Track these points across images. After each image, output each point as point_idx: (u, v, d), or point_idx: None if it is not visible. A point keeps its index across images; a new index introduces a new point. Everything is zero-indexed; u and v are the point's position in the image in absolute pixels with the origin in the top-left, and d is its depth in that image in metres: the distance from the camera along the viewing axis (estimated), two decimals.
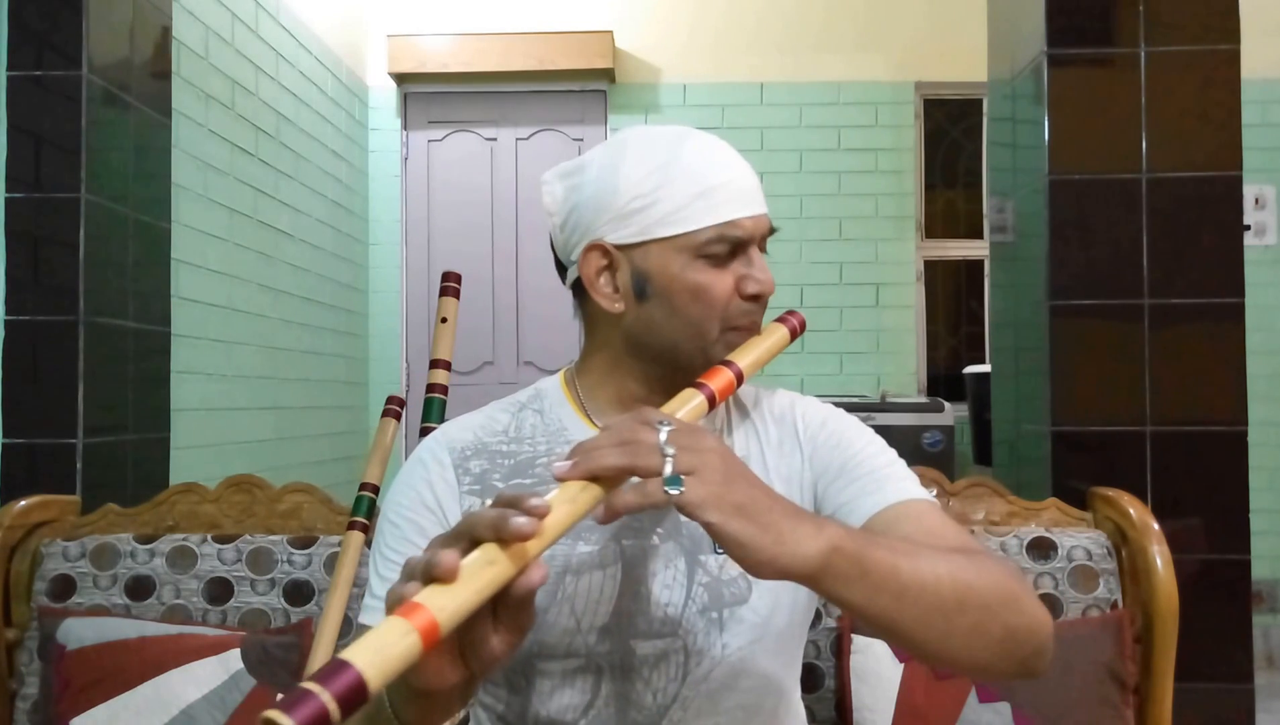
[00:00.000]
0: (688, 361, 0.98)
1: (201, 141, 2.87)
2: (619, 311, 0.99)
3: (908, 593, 0.79)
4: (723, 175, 0.97)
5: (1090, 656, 1.37)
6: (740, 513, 0.75)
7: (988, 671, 0.86)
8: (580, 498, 0.75)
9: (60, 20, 1.94)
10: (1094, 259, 2.03)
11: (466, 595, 0.68)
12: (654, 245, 0.96)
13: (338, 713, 0.60)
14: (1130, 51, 2.05)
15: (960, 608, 0.81)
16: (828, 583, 0.77)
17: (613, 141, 1.02)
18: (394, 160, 4.47)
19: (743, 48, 4.42)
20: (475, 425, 1.04)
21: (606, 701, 0.97)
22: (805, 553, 0.76)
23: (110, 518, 1.61)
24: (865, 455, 1.01)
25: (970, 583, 0.82)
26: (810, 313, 4.76)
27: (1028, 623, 0.85)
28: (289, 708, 0.59)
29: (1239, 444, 1.99)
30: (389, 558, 0.97)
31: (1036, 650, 0.86)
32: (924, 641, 0.82)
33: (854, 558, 0.78)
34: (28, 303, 1.94)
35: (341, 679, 0.61)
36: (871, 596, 0.79)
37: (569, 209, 1.01)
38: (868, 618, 0.80)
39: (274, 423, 3.36)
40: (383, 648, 0.63)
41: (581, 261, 0.99)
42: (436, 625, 0.65)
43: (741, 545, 0.75)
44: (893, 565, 0.79)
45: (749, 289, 0.97)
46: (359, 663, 0.62)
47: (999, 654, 0.84)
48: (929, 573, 0.81)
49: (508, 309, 4.45)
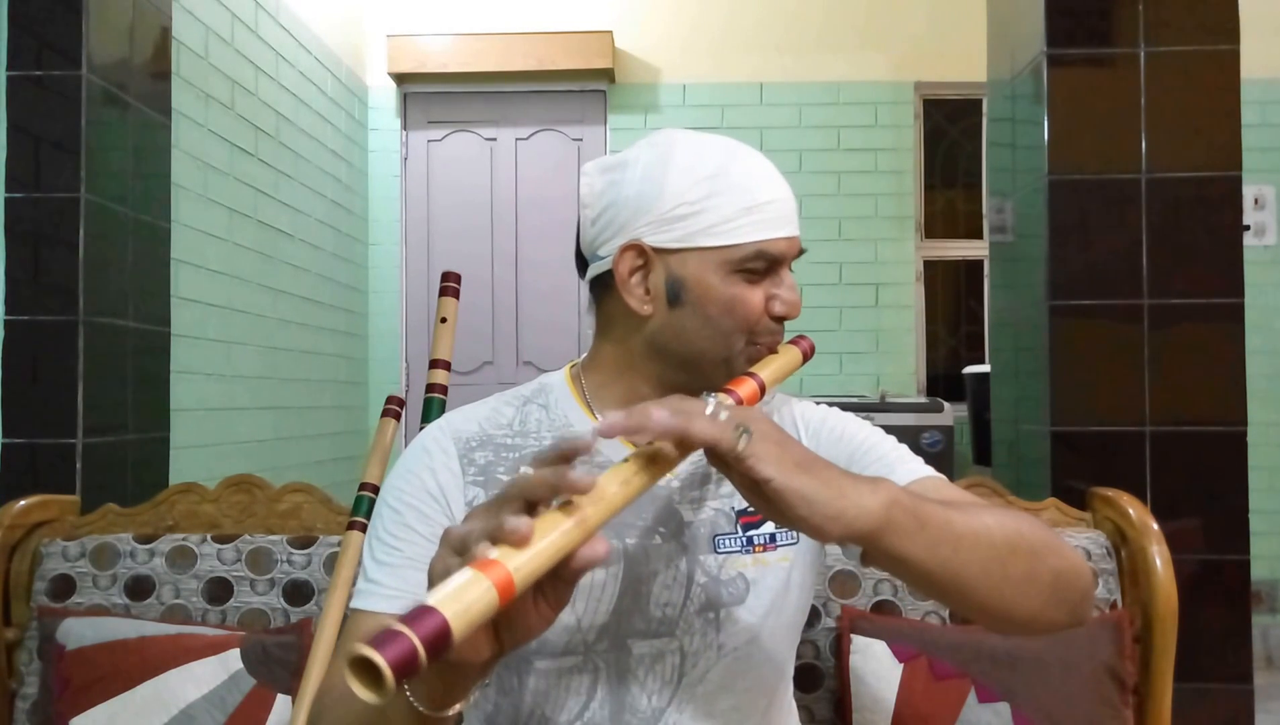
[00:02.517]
0: (709, 370, 0.99)
1: (201, 141, 2.87)
2: (647, 313, 0.99)
3: (963, 543, 0.81)
4: (769, 194, 0.98)
5: (1090, 656, 1.36)
6: (801, 468, 0.76)
7: (1040, 619, 0.88)
8: (633, 480, 0.75)
9: (60, 20, 1.94)
10: (1094, 259, 2.03)
11: (539, 558, 0.67)
12: (694, 253, 0.96)
13: (424, 656, 0.59)
14: (1130, 52, 2.05)
15: (1013, 553, 0.84)
16: (890, 537, 0.78)
17: (657, 142, 1.01)
18: (394, 160, 4.47)
19: (742, 48, 4.42)
20: (479, 417, 1.04)
21: (601, 704, 0.96)
22: (868, 505, 0.77)
23: (110, 518, 1.61)
24: (870, 443, 1.02)
25: (1018, 529, 0.86)
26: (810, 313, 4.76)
27: (1071, 566, 0.88)
28: (380, 644, 0.58)
29: (1239, 444, 1.99)
30: (387, 543, 0.96)
31: (1083, 594, 0.89)
32: (983, 592, 0.83)
33: (912, 511, 0.79)
34: (28, 303, 1.94)
35: (429, 623, 0.60)
36: (932, 548, 0.80)
37: (606, 204, 1.00)
38: (928, 572, 0.81)
39: (274, 423, 3.36)
40: (465, 598, 0.62)
41: (617, 259, 0.98)
42: (513, 583, 0.65)
43: (808, 500, 0.75)
44: (946, 518, 0.81)
45: (776, 310, 0.98)
46: (446, 610, 0.61)
47: (1050, 600, 0.87)
48: (979, 523, 0.83)
49: (507, 309, 4.45)
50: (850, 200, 4.38)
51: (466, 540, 0.69)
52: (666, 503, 1.00)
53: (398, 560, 0.95)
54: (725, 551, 0.99)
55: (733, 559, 0.99)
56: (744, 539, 0.99)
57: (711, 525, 1.00)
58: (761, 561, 0.99)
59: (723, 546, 0.99)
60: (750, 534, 1.00)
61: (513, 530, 0.66)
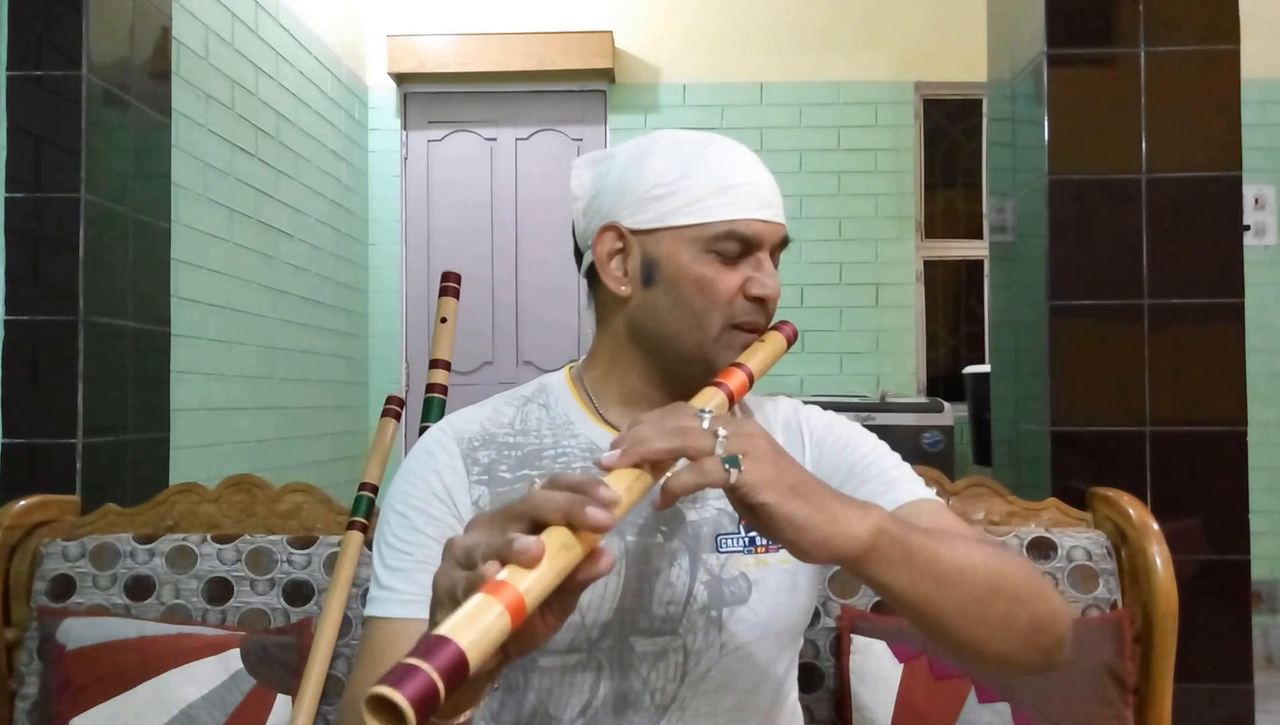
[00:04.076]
0: (686, 353, 0.99)
1: (201, 141, 2.87)
2: (625, 295, 1.00)
3: (947, 578, 0.81)
4: (744, 176, 0.99)
5: (1090, 656, 1.36)
6: (795, 493, 0.76)
7: (1013, 662, 0.88)
8: (635, 486, 0.75)
9: (60, 20, 1.94)
10: (1094, 259, 2.03)
11: (547, 576, 0.67)
12: (667, 233, 0.98)
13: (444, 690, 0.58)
14: (1130, 51, 2.05)
15: (994, 595, 0.84)
16: (874, 565, 0.78)
17: (644, 136, 1.04)
18: (394, 160, 4.47)
19: (742, 48, 4.42)
20: (481, 417, 1.05)
21: (604, 702, 0.97)
22: (856, 533, 0.77)
23: (110, 518, 1.61)
24: (873, 458, 1.02)
25: (1002, 571, 0.85)
26: (810, 313, 4.72)
27: (1052, 613, 0.88)
28: (398, 682, 0.57)
29: (1239, 444, 1.99)
30: (396, 548, 0.97)
31: (1058, 641, 0.89)
32: (959, 629, 0.83)
33: (899, 541, 0.79)
34: (28, 303, 1.94)
35: (444, 656, 0.59)
36: (915, 581, 0.80)
37: (593, 194, 1.03)
38: (909, 603, 0.81)
39: (274, 423, 3.35)
40: (479, 626, 0.62)
41: (595, 241, 1.00)
42: (524, 605, 0.64)
43: (797, 526, 0.76)
44: (934, 551, 0.81)
45: (753, 290, 0.98)
46: (460, 640, 0.60)
47: (1025, 644, 0.86)
48: (965, 560, 0.83)
49: (507, 309, 4.45)
50: (850, 200, 4.38)
51: (471, 554, 0.69)
52: None
53: (409, 565, 0.96)
54: (727, 551, 0.99)
55: (735, 558, 0.99)
56: (746, 539, 1.00)
57: (714, 524, 1.00)
58: (764, 562, 0.99)
59: (725, 546, 0.99)
60: (752, 534, 1.00)
61: (523, 551, 0.65)
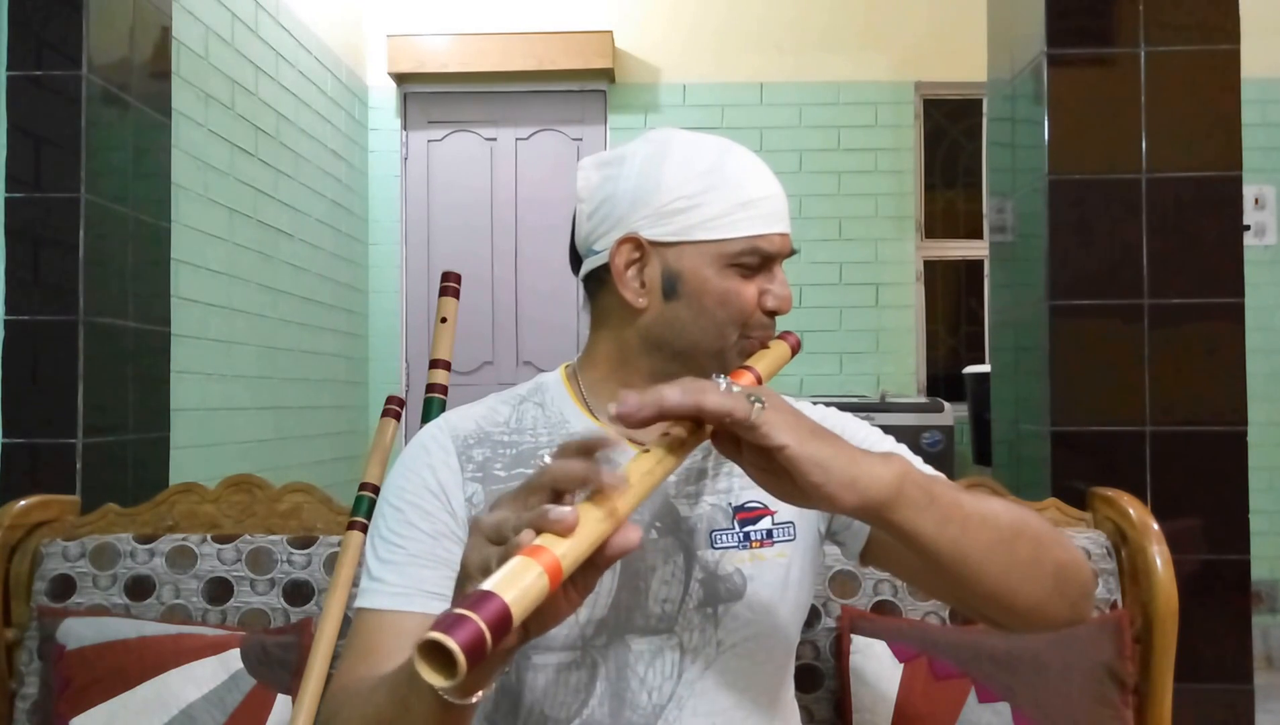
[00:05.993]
0: (704, 362, 1.00)
1: (201, 141, 2.87)
2: (642, 306, 1.00)
3: (971, 522, 0.83)
4: (763, 190, 1.00)
5: (1090, 656, 1.36)
6: (815, 436, 0.77)
7: (1044, 611, 0.89)
8: (656, 470, 0.76)
9: (60, 20, 1.94)
10: (1094, 259, 2.03)
11: (582, 544, 0.69)
12: (690, 246, 0.98)
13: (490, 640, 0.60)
14: (1130, 51, 2.05)
15: (1018, 538, 0.85)
16: (902, 509, 0.79)
17: (653, 138, 1.02)
18: (394, 160, 4.47)
19: (742, 48, 4.42)
20: (476, 415, 1.05)
21: (601, 700, 0.96)
22: (882, 475, 0.78)
23: (110, 518, 1.61)
24: (871, 442, 1.03)
25: (1023, 517, 0.87)
26: (810, 313, 4.72)
27: (1074, 559, 0.90)
28: (450, 629, 0.59)
29: (1239, 444, 2.00)
30: (389, 541, 0.97)
31: (1084, 589, 0.90)
32: (989, 575, 0.84)
33: (923, 486, 0.80)
34: (28, 303, 1.94)
35: (491, 608, 0.61)
36: (941, 525, 0.81)
37: (602, 198, 1.01)
38: (937, 549, 0.82)
39: (274, 423, 3.35)
40: (520, 583, 0.64)
41: (613, 252, 0.99)
42: (560, 569, 0.66)
43: (822, 467, 0.76)
44: (955, 497, 0.83)
45: (769, 304, 1.00)
46: (505, 595, 0.62)
47: (1054, 591, 0.88)
48: (986, 507, 0.85)
49: (507, 309, 4.45)
50: (850, 200, 4.38)
51: (501, 529, 0.71)
52: (662, 498, 1.00)
53: (401, 558, 0.96)
54: (722, 547, 0.99)
55: (730, 554, 0.99)
56: (741, 535, 1.00)
57: (709, 521, 1.00)
58: (759, 557, 1.00)
59: (720, 542, 0.99)
60: (747, 530, 1.00)
61: (558, 519, 0.68)
